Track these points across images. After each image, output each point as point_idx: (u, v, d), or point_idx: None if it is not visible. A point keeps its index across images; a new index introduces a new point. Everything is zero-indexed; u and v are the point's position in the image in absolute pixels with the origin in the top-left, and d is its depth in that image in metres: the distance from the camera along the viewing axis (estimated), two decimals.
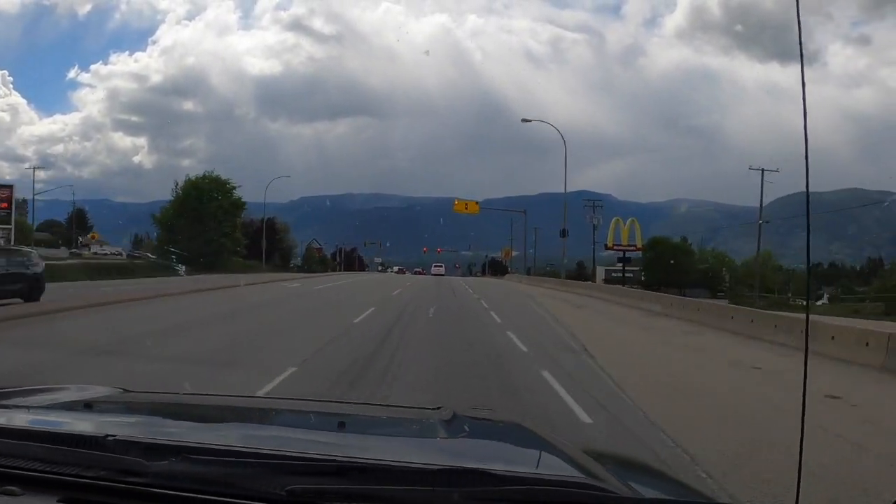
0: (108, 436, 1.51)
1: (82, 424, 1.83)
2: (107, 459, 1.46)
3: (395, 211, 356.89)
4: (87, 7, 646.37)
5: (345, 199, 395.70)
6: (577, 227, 75.46)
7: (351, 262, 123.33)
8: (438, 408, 2.22)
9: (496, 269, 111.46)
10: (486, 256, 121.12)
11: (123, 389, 2.44)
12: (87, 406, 2.07)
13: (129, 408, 2.31)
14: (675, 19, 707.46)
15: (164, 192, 71.22)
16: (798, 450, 1.79)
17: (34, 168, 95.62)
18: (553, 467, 1.68)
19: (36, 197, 74.33)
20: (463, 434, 2.01)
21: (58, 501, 1.41)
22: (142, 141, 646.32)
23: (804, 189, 1.83)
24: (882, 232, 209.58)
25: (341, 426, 2.01)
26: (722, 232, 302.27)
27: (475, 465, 1.47)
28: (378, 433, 2.18)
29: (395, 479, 1.44)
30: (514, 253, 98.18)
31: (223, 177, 67.40)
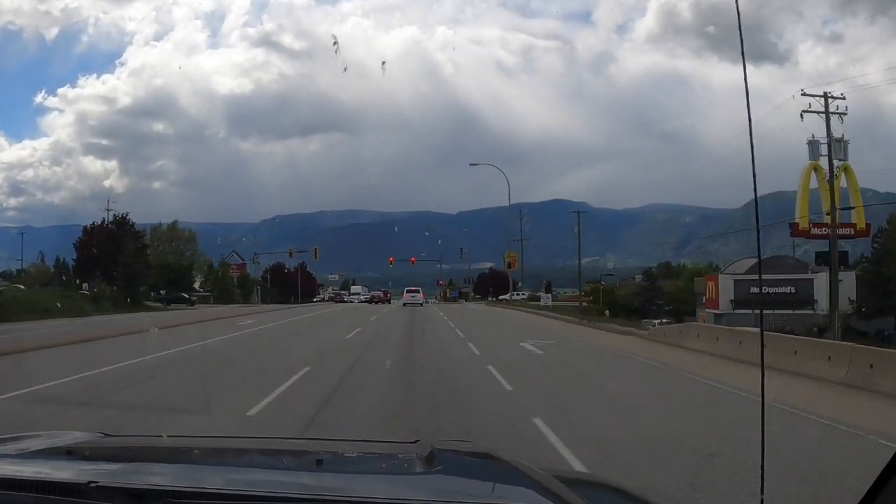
0: (90, 482, 1.54)
1: (65, 471, 1.83)
2: None
3: (370, 227, 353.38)
4: (55, 31, 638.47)
5: (318, 216, 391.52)
6: (556, 237, 72.50)
7: (288, 283, 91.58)
8: (416, 441, 2.30)
9: (495, 285, 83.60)
10: (511, 264, 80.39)
11: (103, 434, 2.44)
12: (69, 452, 2.06)
13: (110, 453, 2.26)
14: (646, 23, 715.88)
15: (136, 216, 67.43)
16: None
17: None
18: (529, 497, 1.69)
19: (7, 226, 68.53)
20: (440, 468, 2.01)
21: None
22: (112, 164, 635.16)
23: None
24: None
25: (319, 464, 2.04)
26: (700, 235, 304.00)
27: (451, 499, 1.51)
28: (356, 470, 2.20)
29: None
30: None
31: None
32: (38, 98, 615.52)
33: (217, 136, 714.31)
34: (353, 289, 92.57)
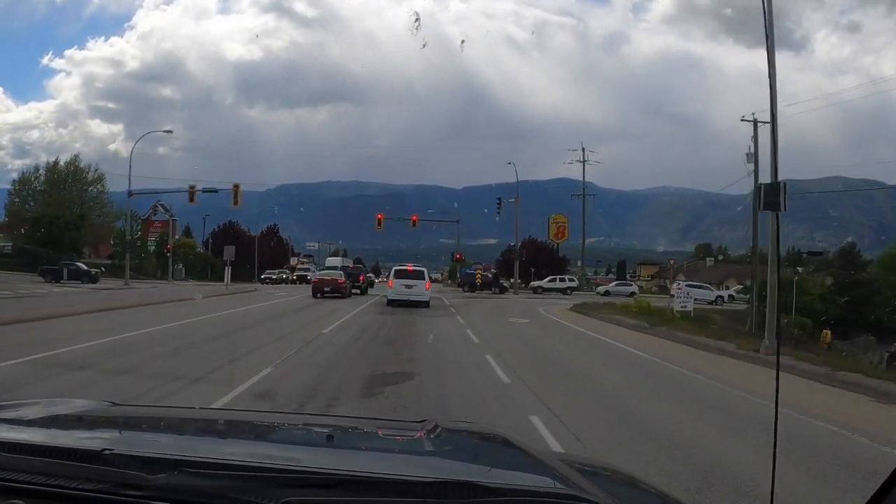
0: (105, 449, 1.56)
1: (79, 438, 1.87)
2: (107, 473, 1.49)
3: (375, 199, 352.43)
4: None
5: (324, 186, 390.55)
6: (571, 214, 70.40)
7: (246, 250, 63.65)
8: (423, 420, 2.28)
9: (537, 262, 60.33)
10: (560, 232, 64.25)
11: (111, 403, 2.44)
12: (80, 420, 2.11)
13: (121, 421, 2.30)
14: (662, 3, 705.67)
15: (142, 181, 61.37)
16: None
17: None
18: (538, 479, 1.73)
19: (9, 188, 59.40)
20: (448, 446, 2.06)
21: None
22: (118, 128, 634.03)
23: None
24: (865, 219, 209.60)
25: (330, 439, 2.09)
26: (706, 220, 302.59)
27: (464, 478, 1.54)
28: (366, 447, 2.21)
29: (387, 492, 1.50)
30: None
31: None
32: (45, 60, 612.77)
33: (224, 103, 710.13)
34: (330, 261, 56.50)
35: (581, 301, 35.49)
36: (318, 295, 33.07)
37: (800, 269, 42.18)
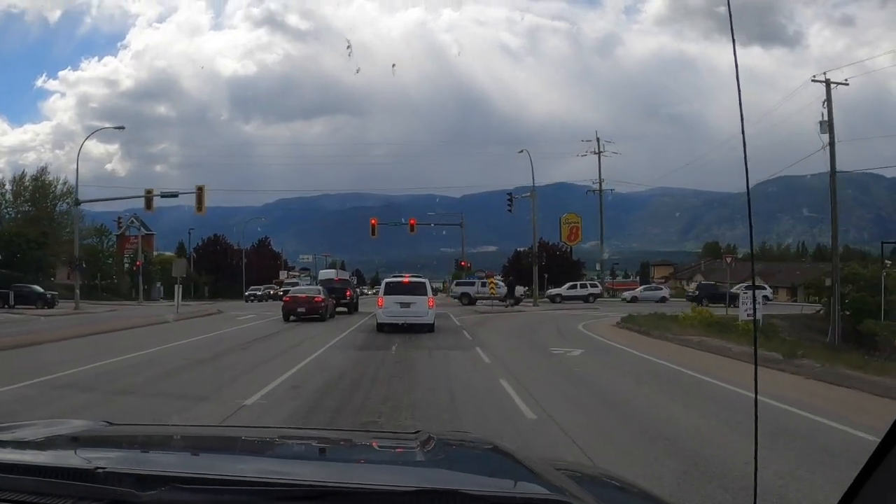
0: (98, 468, 1.56)
1: (72, 457, 1.88)
2: (99, 491, 1.50)
3: (375, 210, 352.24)
4: (57, 13, 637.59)
5: (322, 199, 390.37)
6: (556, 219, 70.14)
7: (234, 270, 60.60)
8: (416, 432, 2.27)
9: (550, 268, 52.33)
10: (573, 234, 59.98)
11: (107, 422, 2.45)
12: (75, 439, 2.10)
13: (115, 440, 2.30)
14: (654, 4, 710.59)
15: (139, 200, 58.69)
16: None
17: None
18: (527, 485, 1.71)
19: None
20: (441, 457, 2.05)
21: None
22: (114, 147, 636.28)
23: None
24: (865, 212, 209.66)
25: (322, 452, 2.09)
26: (704, 218, 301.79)
27: (452, 486, 1.53)
28: (358, 459, 2.21)
29: (375, 502, 1.51)
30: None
31: None
32: (39, 82, 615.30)
33: (219, 119, 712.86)
34: (324, 274, 49.87)
35: (627, 313, 27.93)
36: (292, 318, 26.35)
37: (888, 263, 36.01)
